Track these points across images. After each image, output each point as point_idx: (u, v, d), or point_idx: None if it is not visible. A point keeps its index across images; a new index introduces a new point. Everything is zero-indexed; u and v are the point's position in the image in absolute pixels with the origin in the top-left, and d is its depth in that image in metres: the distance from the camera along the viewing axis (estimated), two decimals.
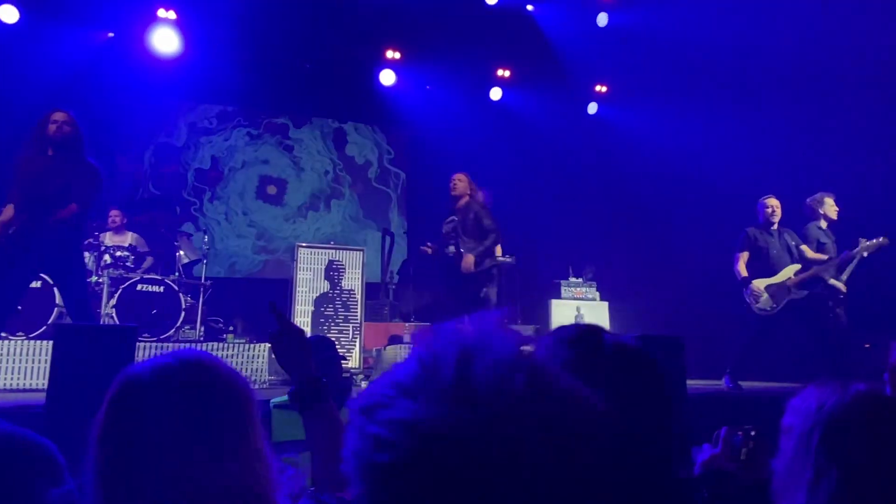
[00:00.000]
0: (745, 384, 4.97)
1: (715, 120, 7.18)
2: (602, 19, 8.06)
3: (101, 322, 4.98)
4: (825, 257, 5.11)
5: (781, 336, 5.17)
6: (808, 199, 5.40)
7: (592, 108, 8.94)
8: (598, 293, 6.84)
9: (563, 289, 6.74)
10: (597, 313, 6.67)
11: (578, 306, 6.66)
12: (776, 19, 6.33)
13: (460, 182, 5.50)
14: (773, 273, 5.07)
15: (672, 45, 7.14)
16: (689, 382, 3.79)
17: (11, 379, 4.13)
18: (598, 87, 8.83)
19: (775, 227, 5.22)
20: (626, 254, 7.69)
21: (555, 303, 6.66)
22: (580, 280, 6.82)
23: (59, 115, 3.91)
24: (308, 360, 1.34)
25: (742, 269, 5.16)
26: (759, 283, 5.06)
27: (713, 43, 6.68)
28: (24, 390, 4.07)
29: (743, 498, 1.27)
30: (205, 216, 8.26)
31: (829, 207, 5.24)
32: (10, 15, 6.69)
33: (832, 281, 5.04)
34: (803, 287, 5.01)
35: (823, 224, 5.27)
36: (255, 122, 8.68)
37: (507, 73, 8.61)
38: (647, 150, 7.89)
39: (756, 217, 5.33)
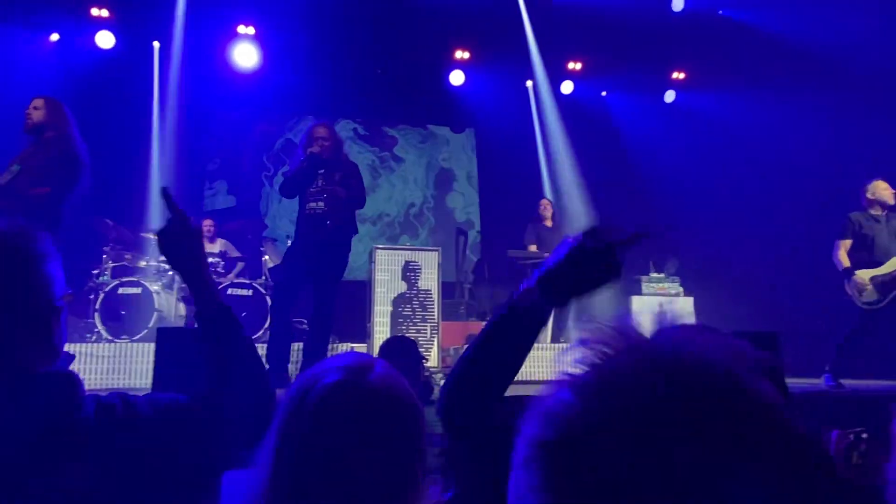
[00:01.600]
0: (847, 382, 4.64)
1: (805, 101, 6.74)
2: (678, 4, 7.76)
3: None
4: None
5: (887, 331, 4.78)
6: None
7: (670, 96, 8.62)
8: (681, 288, 6.57)
9: (643, 284, 6.52)
10: (681, 309, 6.42)
11: (661, 302, 6.42)
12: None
13: None
14: (880, 263, 4.69)
15: (753, 29, 6.79)
16: (790, 381, 3.57)
17: (119, 379, 4.46)
18: (675, 75, 8.52)
19: (883, 212, 4.82)
20: (711, 245, 7.36)
21: (635, 299, 6.46)
22: (662, 275, 6.58)
23: (33, 102, 3.85)
24: (200, 254, 1.20)
25: (843, 259, 4.80)
26: (864, 274, 4.69)
27: (796, 29, 6.31)
28: (129, 389, 4.39)
29: None
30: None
31: None
32: (106, 41, 7.24)
33: None
34: None
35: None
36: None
37: (578, 66, 8.45)
38: (731, 138, 7.54)
39: (859, 202, 4.94)
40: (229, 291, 5.51)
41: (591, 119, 8.65)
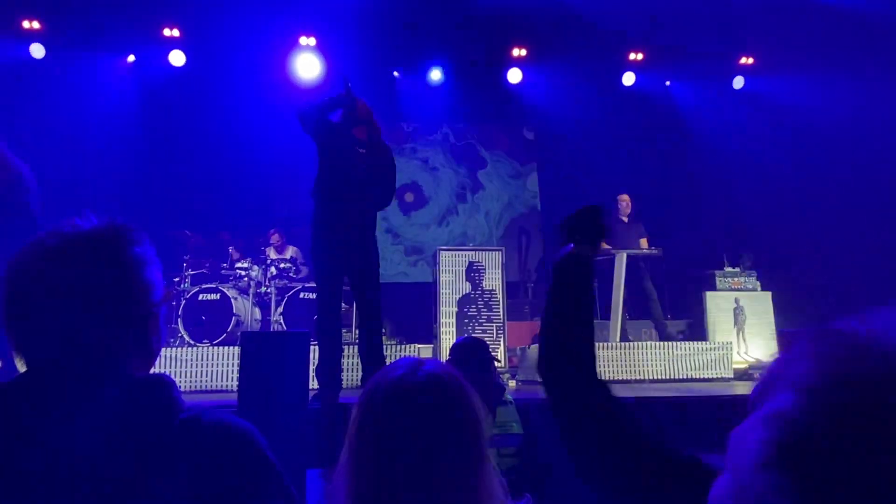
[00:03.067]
0: None
1: (884, 80, 6.33)
2: None
3: (272, 328, 5.47)
4: None
5: None
6: None
7: (738, 82, 8.28)
8: (758, 283, 6.28)
9: (717, 280, 6.28)
10: (759, 304, 6.14)
11: (737, 297, 6.17)
12: None
13: None
14: None
15: (821, 11, 6.42)
16: None
17: (202, 382, 4.66)
18: (743, 60, 8.16)
19: None
20: (788, 238, 7.02)
21: (709, 295, 6.23)
22: (737, 269, 6.32)
23: None
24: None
25: None
26: None
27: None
28: (214, 391, 4.59)
29: None
30: None
31: None
32: (178, 59, 7.61)
33: None
34: None
35: None
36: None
37: (639, 56, 8.24)
38: (805, 123, 7.16)
39: None
40: (301, 295, 5.68)
41: (655, 110, 8.41)
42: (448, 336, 5.69)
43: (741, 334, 6.10)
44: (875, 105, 6.38)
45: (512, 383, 5.64)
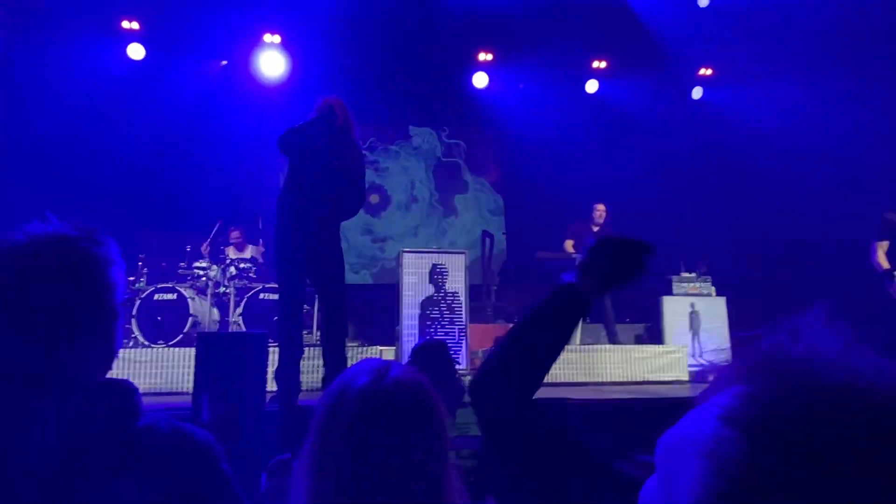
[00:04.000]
0: None
1: (834, 96, 6.59)
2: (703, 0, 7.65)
3: (230, 329, 5.37)
4: None
5: None
6: None
7: (697, 92, 8.51)
8: (713, 288, 6.47)
9: (674, 284, 6.44)
10: (714, 309, 6.32)
11: (692, 302, 6.34)
12: None
13: None
14: None
15: (779, 20, 6.65)
16: None
17: (157, 384, 4.54)
18: (702, 71, 8.40)
19: None
20: (742, 245, 7.24)
21: (666, 299, 6.38)
22: (693, 275, 6.49)
23: None
24: None
25: (883, 261, 4.66)
26: None
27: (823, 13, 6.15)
28: (169, 393, 4.47)
29: None
30: None
31: None
32: (137, 52, 7.40)
33: None
34: None
35: None
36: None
37: (603, 65, 8.39)
38: (760, 134, 7.40)
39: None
40: (261, 296, 5.59)
41: (616, 118, 8.57)
42: (411, 338, 5.69)
43: (696, 338, 6.27)
44: (825, 114, 6.63)
45: None
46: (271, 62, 7.51)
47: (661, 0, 7.56)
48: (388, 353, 6.05)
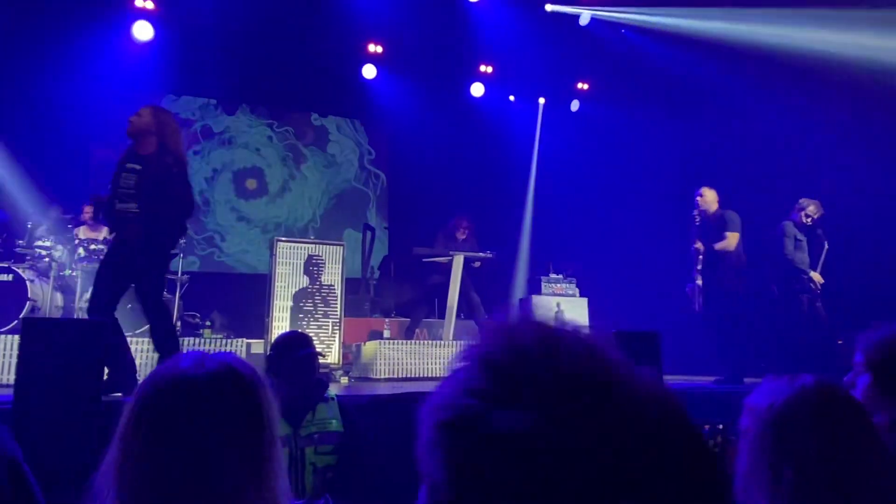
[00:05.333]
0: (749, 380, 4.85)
1: (689, 118, 7.29)
2: (584, 18, 8.09)
3: (76, 316, 4.90)
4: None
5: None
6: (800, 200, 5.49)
7: (575, 105, 9.00)
8: (577, 289, 6.89)
9: (543, 285, 6.78)
10: (576, 309, 6.71)
11: (558, 302, 6.69)
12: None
13: None
14: None
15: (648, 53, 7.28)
16: (667, 377, 3.83)
17: None
18: (580, 85, 8.88)
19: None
20: (605, 251, 7.75)
21: (535, 298, 6.69)
22: (560, 276, 6.87)
23: None
24: None
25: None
26: None
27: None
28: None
29: None
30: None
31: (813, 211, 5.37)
32: None
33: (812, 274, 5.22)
34: None
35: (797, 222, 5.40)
36: (232, 111, 8.68)
37: (489, 69, 8.63)
38: (628, 147, 7.97)
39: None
40: None
41: (498, 123, 8.85)
42: (281, 330, 5.50)
43: None
44: (692, 132, 7.31)
45: (344, 380, 5.59)
46: (141, 28, 7.02)
47: (543, 17, 7.91)
48: (256, 345, 5.81)
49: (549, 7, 7.98)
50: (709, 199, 5.43)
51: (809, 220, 5.36)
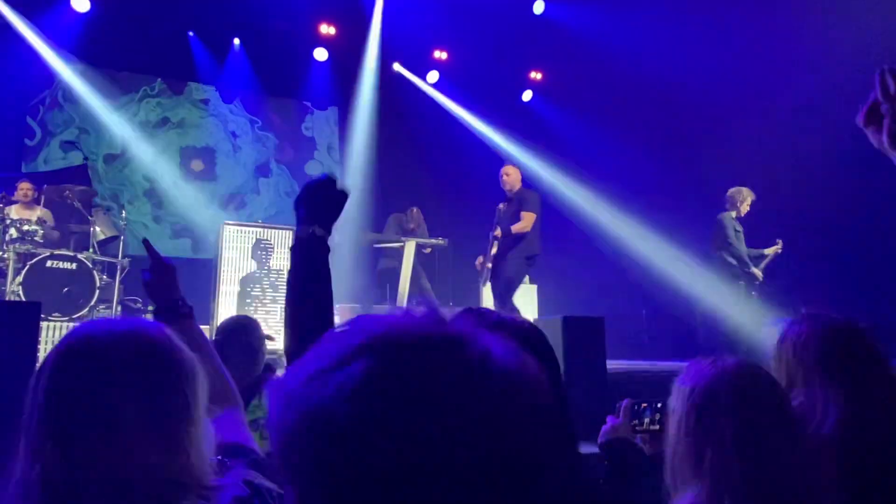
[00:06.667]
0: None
1: (639, 122, 7.48)
2: (539, 7, 8.13)
3: (6, 299, 4.66)
4: None
5: None
6: (729, 190, 5.69)
7: (527, 95, 9.08)
8: (527, 276, 6.98)
9: None
10: (526, 296, 6.82)
11: None
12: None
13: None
14: None
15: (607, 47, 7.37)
16: (610, 363, 3.93)
17: None
18: (533, 75, 8.95)
19: None
20: (554, 240, 7.87)
21: (484, 287, 6.74)
22: None
23: None
24: (175, 287, 1.42)
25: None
26: None
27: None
28: None
29: (645, 468, 1.33)
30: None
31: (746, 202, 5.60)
32: None
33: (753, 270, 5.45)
34: None
35: (734, 214, 5.62)
36: (177, 88, 8.35)
37: (444, 56, 8.60)
38: (574, 140, 8.11)
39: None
40: (48, 264, 4.92)
41: (444, 115, 8.86)
42: (226, 316, 5.38)
43: None
44: (642, 136, 7.49)
45: None
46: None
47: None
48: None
49: None
50: (513, 177, 5.23)
51: (747, 208, 5.61)
